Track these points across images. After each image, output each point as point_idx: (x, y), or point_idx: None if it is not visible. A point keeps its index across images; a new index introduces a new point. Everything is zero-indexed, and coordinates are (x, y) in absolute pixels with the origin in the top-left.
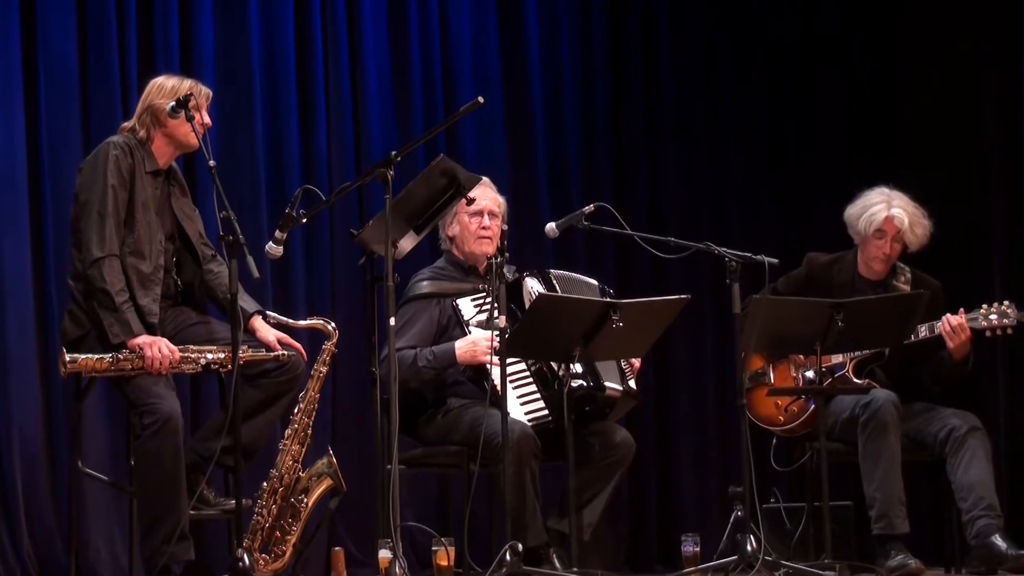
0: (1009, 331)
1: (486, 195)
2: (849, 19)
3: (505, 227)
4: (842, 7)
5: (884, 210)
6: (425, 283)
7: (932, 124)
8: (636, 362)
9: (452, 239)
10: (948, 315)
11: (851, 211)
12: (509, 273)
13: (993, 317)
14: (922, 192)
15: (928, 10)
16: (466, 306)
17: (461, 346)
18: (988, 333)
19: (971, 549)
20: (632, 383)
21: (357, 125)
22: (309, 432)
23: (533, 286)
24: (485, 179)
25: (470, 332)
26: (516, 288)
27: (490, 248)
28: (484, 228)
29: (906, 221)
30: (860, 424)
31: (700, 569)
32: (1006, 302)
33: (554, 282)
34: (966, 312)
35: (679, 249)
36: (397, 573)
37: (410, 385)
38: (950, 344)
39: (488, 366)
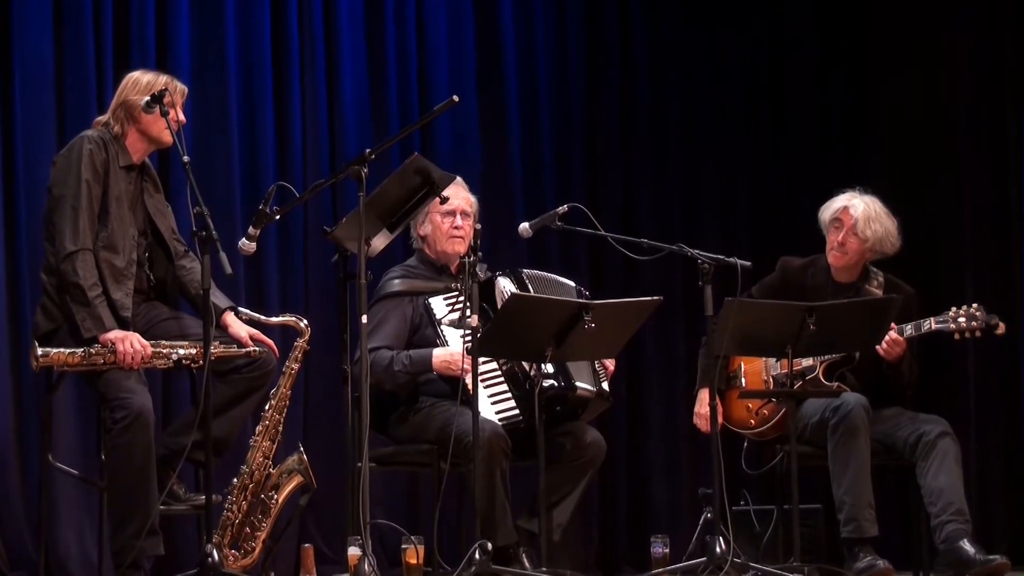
0: (978, 333)
1: (458, 195)
2: (823, 20)
3: (479, 226)
4: (816, 8)
5: (843, 201)
6: (397, 281)
7: (906, 127)
8: (610, 365)
9: (424, 238)
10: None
11: (822, 207)
12: (481, 272)
13: (962, 320)
14: (895, 195)
15: (902, 11)
16: (438, 305)
17: (439, 355)
18: (957, 336)
19: (939, 554)
20: (605, 385)
21: (332, 122)
22: (280, 429)
23: (505, 286)
24: (458, 178)
25: (442, 331)
26: (488, 287)
27: (462, 247)
28: (456, 228)
29: (860, 211)
30: (830, 427)
31: (669, 570)
32: (975, 304)
33: (526, 282)
34: (935, 316)
35: (652, 251)
36: (366, 571)
37: (384, 387)
38: (885, 356)
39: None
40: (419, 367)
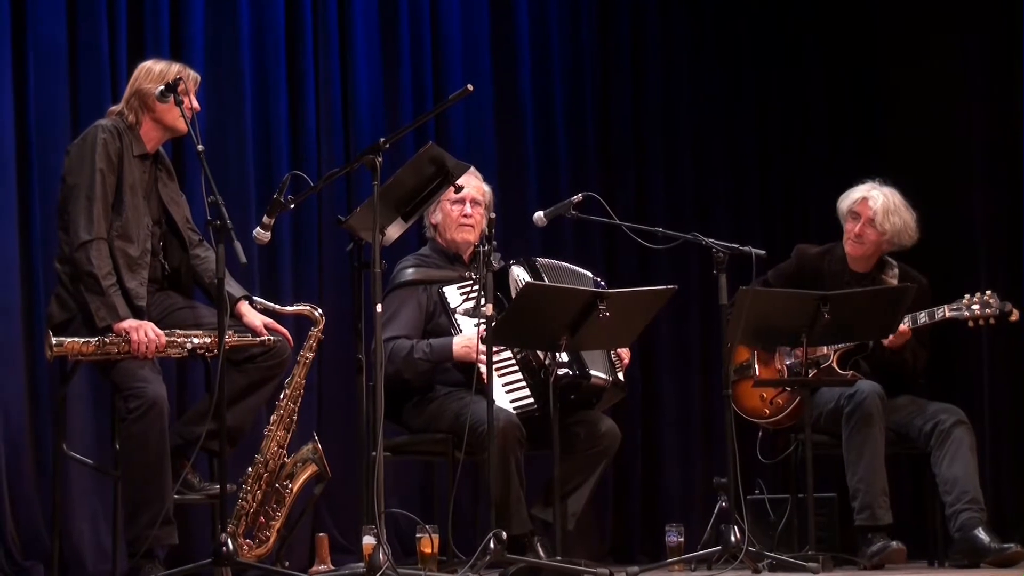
0: (992, 321)
1: (470, 183)
2: (834, 10)
3: (493, 215)
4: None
5: (863, 192)
6: (410, 270)
7: (918, 118)
8: (626, 356)
9: (435, 226)
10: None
11: (841, 197)
12: (495, 261)
13: (976, 307)
14: (908, 186)
15: (913, 4)
16: (452, 294)
17: (459, 342)
18: (971, 323)
19: (954, 542)
20: (620, 375)
21: (346, 111)
22: (294, 418)
23: (519, 274)
24: (471, 167)
25: (456, 320)
26: (502, 276)
27: (471, 236)
28: (466, 216)
29: (879, 203)
30: (844, 416)
31: (684, 559)
32: (988, 292)
33: (540, 271)
34: (949, 304)
35: (667, 240)
36: (381, 560)
37: (404, 376)
38: (887, 344)
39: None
40: (440, 355)
